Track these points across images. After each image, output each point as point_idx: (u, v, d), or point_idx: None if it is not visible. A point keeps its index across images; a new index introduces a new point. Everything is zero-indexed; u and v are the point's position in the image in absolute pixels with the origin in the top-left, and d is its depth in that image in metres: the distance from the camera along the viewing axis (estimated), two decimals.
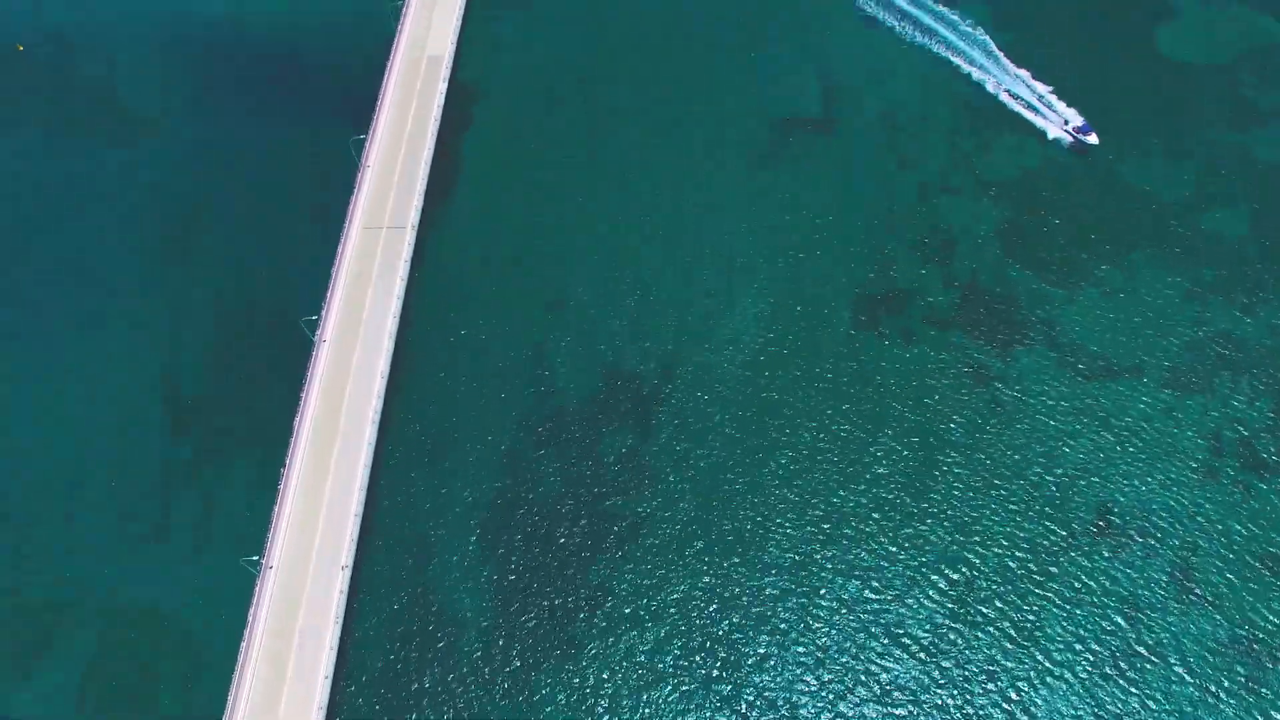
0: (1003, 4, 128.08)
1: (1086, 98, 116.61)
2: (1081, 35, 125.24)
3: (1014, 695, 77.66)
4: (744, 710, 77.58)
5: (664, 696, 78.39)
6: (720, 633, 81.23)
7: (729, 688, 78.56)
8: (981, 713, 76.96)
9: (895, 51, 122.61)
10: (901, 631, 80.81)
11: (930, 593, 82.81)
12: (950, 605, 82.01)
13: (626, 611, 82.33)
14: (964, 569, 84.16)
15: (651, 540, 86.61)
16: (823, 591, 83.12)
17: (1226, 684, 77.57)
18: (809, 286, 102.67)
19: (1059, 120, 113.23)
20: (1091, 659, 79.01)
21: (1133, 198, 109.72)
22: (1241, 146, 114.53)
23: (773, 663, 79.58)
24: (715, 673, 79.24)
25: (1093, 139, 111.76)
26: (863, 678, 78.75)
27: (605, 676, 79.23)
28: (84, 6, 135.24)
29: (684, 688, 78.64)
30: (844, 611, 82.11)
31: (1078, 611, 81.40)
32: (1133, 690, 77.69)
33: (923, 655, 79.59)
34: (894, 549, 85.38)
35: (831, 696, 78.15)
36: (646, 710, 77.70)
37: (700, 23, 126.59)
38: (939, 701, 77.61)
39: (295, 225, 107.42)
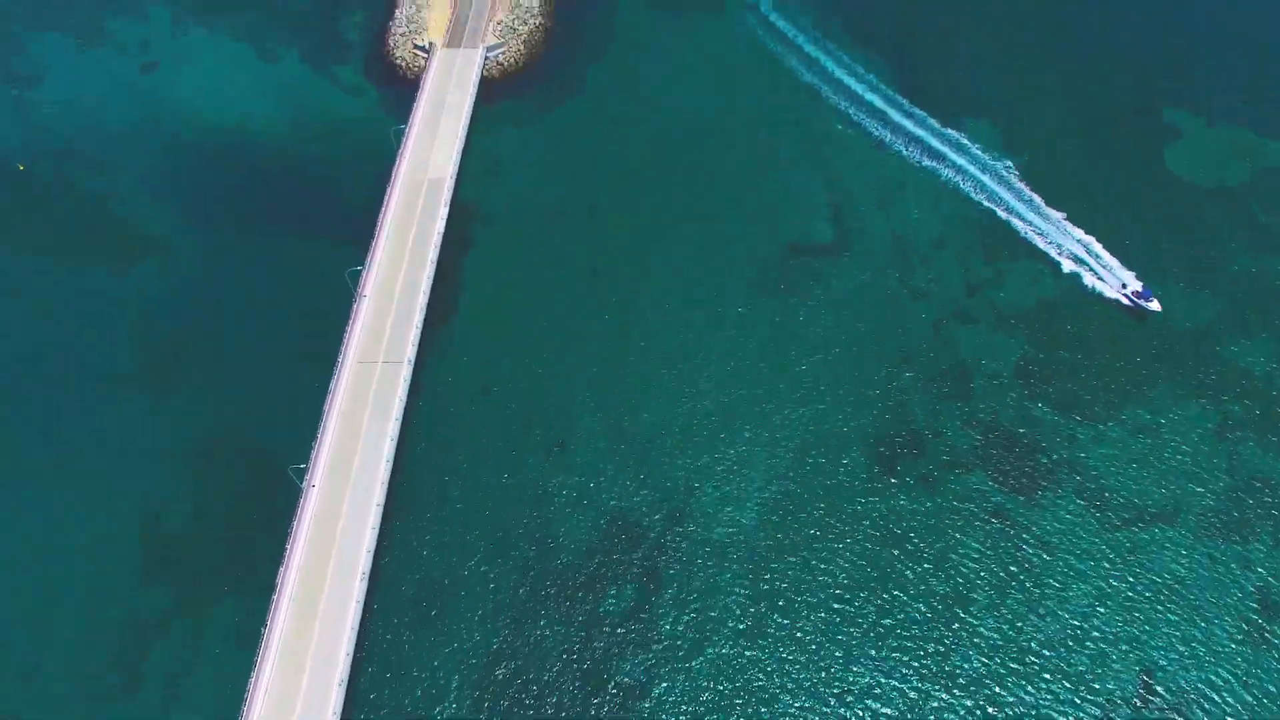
0: (1009, 126, 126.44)
1: (1101, 223, 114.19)
2: (1091, 159, 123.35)
3: None
4: None
5: None
6: None
7: None
8: None
9: (905, 175, 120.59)
10: None
11: None
12: None
13: None
14: None
15: (653, 713, 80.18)
16: None
17: None
18: (823, 427, 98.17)
19: (1115, 283, 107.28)
20: None
21: (1153, 329, 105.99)
22: (1260, 274, 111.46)
23: None
24: None
25: (1154, 306, 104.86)
26: None
27: None
28: (87, 128, 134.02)
29: None
30: None
31: None
32: None
33: None
34: None
35: None
36: None
37: (708, 144, 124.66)
38: None
39: (287, 359, 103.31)
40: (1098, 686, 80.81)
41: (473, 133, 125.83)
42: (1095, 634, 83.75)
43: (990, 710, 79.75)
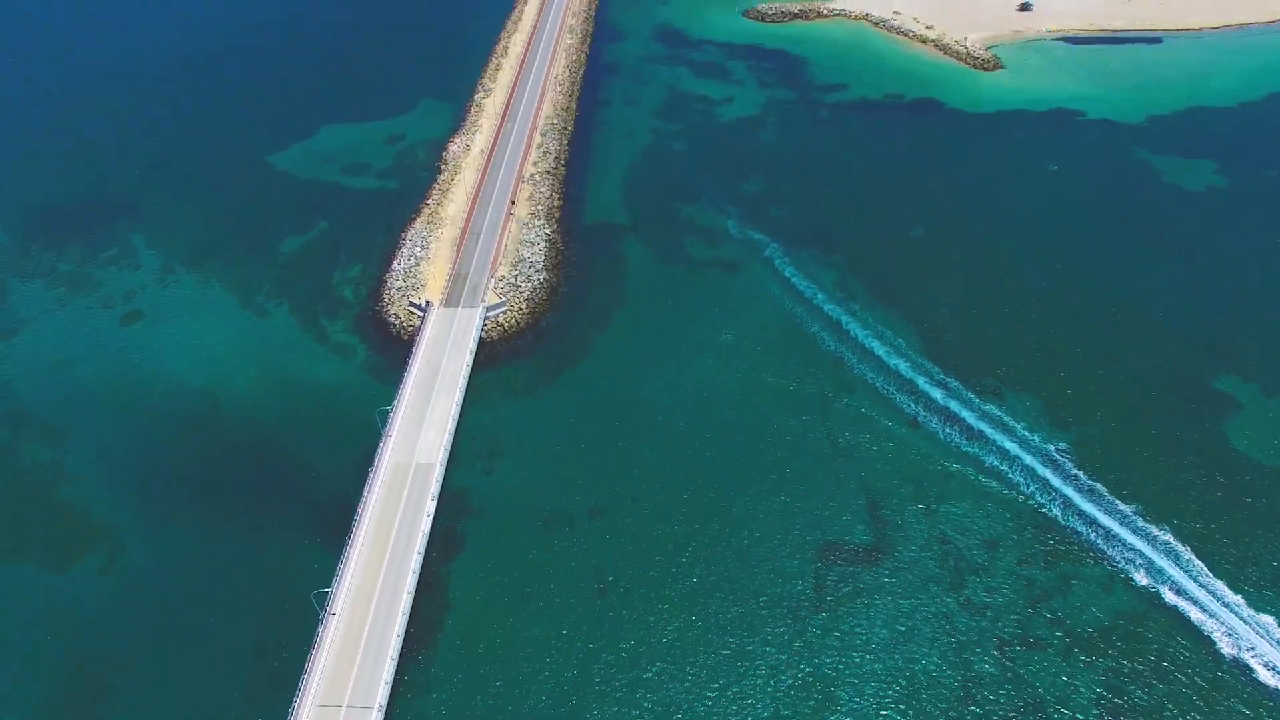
0: (1052, 400, 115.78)
1: (1177, 518, 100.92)
2: (1147, 438, 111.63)
3: None
4: None
5: None
6: None
7: None
8: None
9: (946, 461, 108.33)
10: None
11: None
12: None
13: None
14: None
15: None
16: None
17: None
18: None
19: None
20: None
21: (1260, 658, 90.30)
22: None
23: None
24: None
25: None
26: None
27: None
28: (51, 387, 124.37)
29: None
30: None
31: None
32: None
33: None
34: None
35: None
36: None
37: (725, 428, 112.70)
38: None
39: (232, 701, 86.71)
40: None
41: (468, 404, 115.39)
42: None
43: None
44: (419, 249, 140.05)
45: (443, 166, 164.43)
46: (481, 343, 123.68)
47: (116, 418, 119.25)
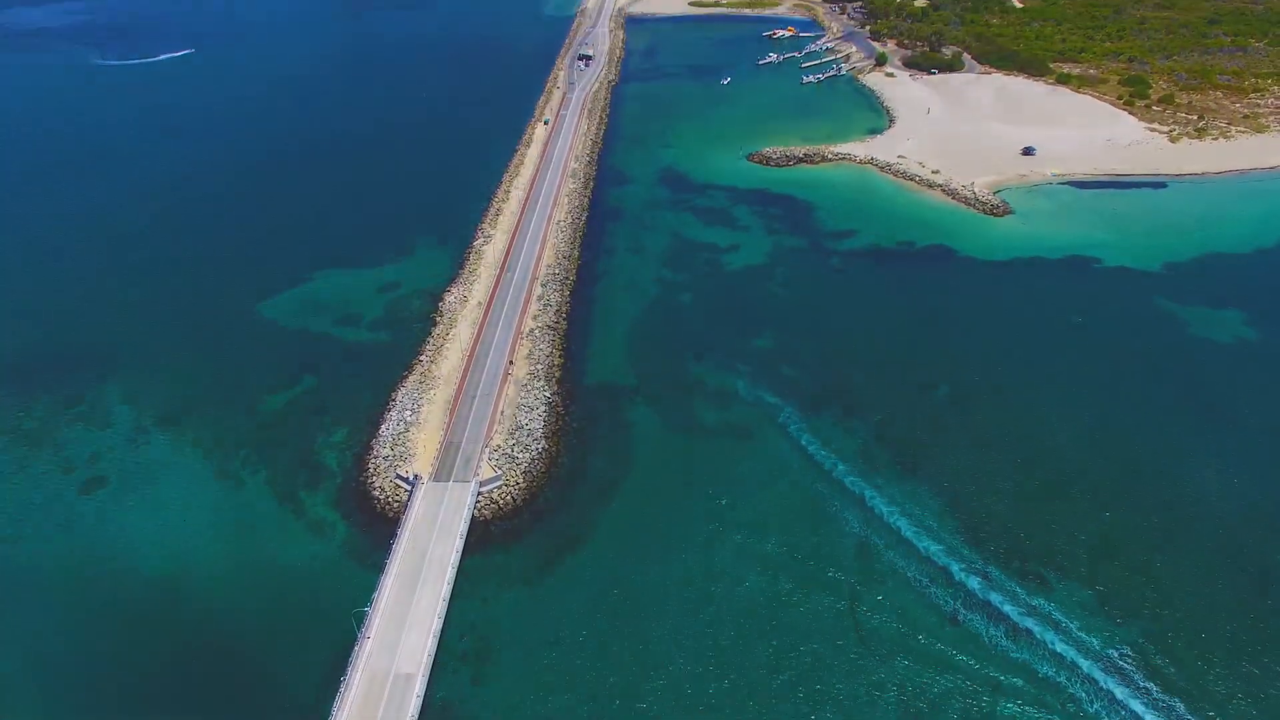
0: (1106, 588, 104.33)
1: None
2: (1217, 632, 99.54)
3: None
4: None
5: None
6: None
7: None
8: None
9: (994, 671, 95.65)
10: None
11: None
12: None
13: None
14: None
15: None
16: None
17: None
18: None
19: None
20: None
21: None
22: None
23: None
24: None
25: None
26: None
27: None
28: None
29: None
30: None
31: None
32: None
33: None
34: None
35: None
36: None
37: (745, 634, 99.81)
38: None
39: None
40: None
41: (456, 595, 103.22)
42: None
43: None
44: (409, 412, 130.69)
45: (438, 318, 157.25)
46: (473, 522, 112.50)
47: (58, 611, 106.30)
